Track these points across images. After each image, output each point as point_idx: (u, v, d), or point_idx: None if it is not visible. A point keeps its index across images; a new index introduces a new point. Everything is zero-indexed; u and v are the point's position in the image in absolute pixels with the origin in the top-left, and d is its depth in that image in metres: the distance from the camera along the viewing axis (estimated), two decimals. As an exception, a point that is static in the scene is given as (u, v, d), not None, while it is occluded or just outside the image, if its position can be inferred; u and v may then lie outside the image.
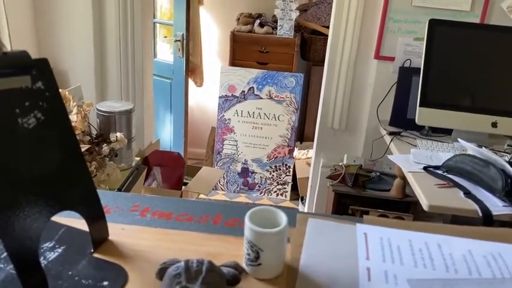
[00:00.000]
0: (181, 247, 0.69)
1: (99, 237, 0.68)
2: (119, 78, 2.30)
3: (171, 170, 2.68)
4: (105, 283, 0.60)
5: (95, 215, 0.68)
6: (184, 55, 3.10)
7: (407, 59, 2.09)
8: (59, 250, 0.66)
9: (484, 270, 0.67)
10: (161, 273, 0.59)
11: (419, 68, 1.84)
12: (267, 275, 0.66)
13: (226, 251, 0.67)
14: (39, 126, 0.56)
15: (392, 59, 2.12)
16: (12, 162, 0.55)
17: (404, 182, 1.92)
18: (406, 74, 2.02)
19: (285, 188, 3.29)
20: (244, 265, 0.67)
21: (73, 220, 0.71)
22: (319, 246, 0.72)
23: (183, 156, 3.15)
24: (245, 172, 3.31)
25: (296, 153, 3.23)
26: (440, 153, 1.70)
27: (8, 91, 0.52)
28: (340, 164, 2.16)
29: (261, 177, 3.30)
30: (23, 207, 0.56)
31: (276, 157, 3.26)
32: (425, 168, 1.57)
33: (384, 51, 2.13)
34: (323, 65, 2.36)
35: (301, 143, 3.37)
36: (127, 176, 2.12)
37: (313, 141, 2.62)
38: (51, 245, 0.68)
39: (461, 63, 1.85)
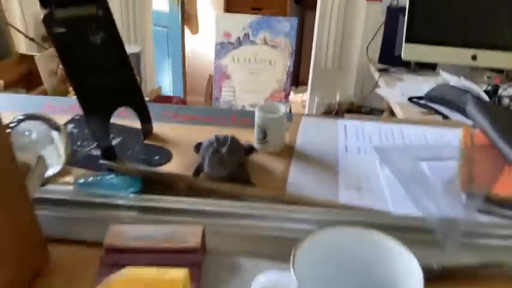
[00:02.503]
0: (208, 133, 0.87)
1: (146, 131, 0.89)
2: (121, 27, 2.40)
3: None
4: (156, 157, 0.82)
5: (143, 113, 0.88)
6: (180, 4, 3.17)
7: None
8: (117, 140, 0.87)
9: (433, 144, 0.92)
10: (198, 147, 0.78)
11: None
12: (273, 149, 0.87)
13: (242, 137, 0.84)
14: (103, 42, 0.74)
15: (380, 0, 2.24)
16: (89, 69, 0.74)
17: (393, 114, 2.09)
18: (393, 13, 2.13)
19: (281, 131, 3.45)
20: (255, 145, 0.87)
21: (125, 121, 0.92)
22: (309, 133, 0.95)
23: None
24: (243, 117, 3.45)
25: (292, 96, 3.37)
26: (424, 85, 1.86)
27: (81, 16, 0.72)
28: (334, 102, 2.33)
29: (258, 121, 3.45)
30: (99, 105, 0.76)
31: (273, 102, 3.40)
32: (409, 99, 1.73)
33: (373, -7, 2.24)
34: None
35: (296, 87, 3.51)
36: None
37: (308, 85, 2.77)
38: (111, 136, 0.87)
39: (445, -2, 1.95)
